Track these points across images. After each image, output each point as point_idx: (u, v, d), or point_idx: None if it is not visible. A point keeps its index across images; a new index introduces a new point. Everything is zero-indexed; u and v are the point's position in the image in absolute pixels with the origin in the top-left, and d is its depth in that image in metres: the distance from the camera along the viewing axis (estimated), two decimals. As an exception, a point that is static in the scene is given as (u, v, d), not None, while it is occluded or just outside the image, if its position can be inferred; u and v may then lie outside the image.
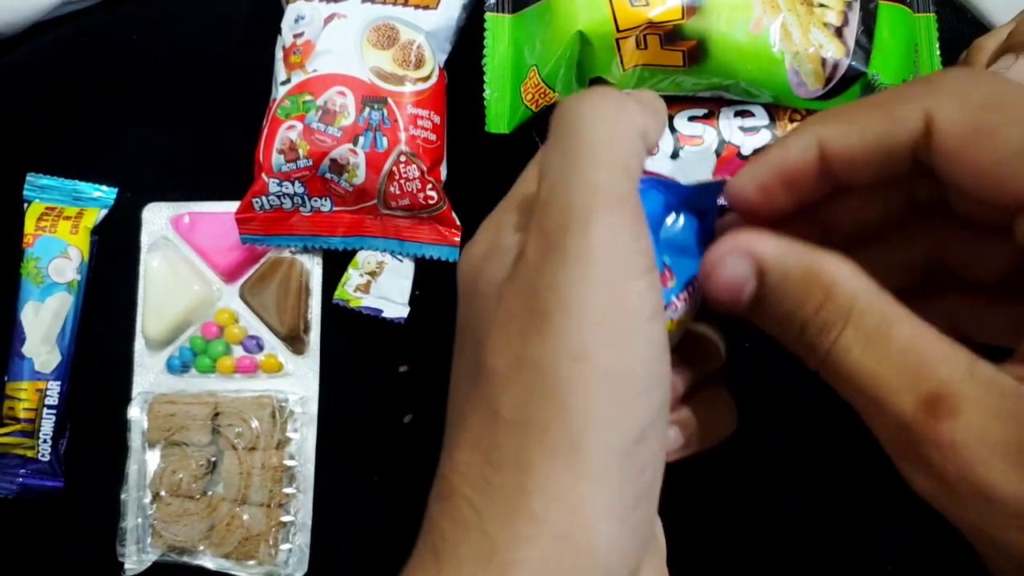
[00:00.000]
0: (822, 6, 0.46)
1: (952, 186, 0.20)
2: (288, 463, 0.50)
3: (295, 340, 0.53)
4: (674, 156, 0.48)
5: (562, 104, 0.23)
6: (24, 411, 0.51)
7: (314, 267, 0.53)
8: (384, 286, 0.52)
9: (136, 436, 0.51)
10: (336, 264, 0.53)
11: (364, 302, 0.51)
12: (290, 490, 0.50)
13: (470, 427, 0.22)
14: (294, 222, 0.51)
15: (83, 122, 0.56)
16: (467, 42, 0.52)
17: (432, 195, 0.50)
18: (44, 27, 0.56)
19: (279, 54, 0.51)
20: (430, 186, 0.49)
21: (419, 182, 0.49)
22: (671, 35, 0.45)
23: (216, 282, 0.54)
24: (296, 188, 0.50)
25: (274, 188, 0.50)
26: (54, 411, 0.52)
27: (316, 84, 0.49)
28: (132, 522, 0.50)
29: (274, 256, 0.53)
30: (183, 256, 0.54)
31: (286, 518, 0.50)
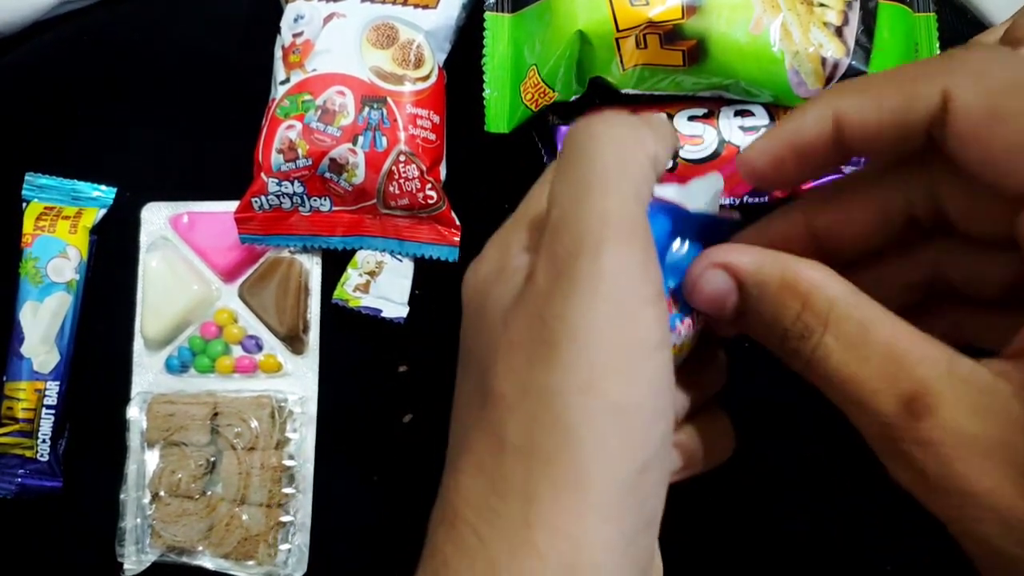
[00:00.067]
0: (822, 6, 0.46)
1: (961, 169, 0.21)
2: (287, 463, 0.50)
3: (294, 340, 0.52)
4: (674, 156, 0.48)
5: (573, 128, 0.23)
6: (23, 411, 0.51)
7: (313, 267, 0.53)
8: (383, 286, 0.52)
9: (135, 436, 0.51)
10: (335, 264, 0.53)
11: (363, 302, 0.51)
12: (289, 490, 0.50)
13: (475, 451, 0.22)
14: (293, 222, 0.51)
15: (82, 122, 0.55)
16: (467, 41, 0.51)
17: (431, 195, 0.50)
18: (43, 26, 0.56)
19: (278, 53, 0.51)
20: (429, 186, 0.49)
21: (418, 182, 0.49)
22: (671, 35, 0.45)
23: (215, 282, 0.54)
24: (295, 188, 0.50)
25: (273, 188, 0.50)
26: (53, 411, 0.51)
27: (315, 83, 0.49)
28: (131, 522, 0.50)
29: (273, 256, 0.53)
30: (182, 256, 0.54)
31: (285, 518, 0.50)
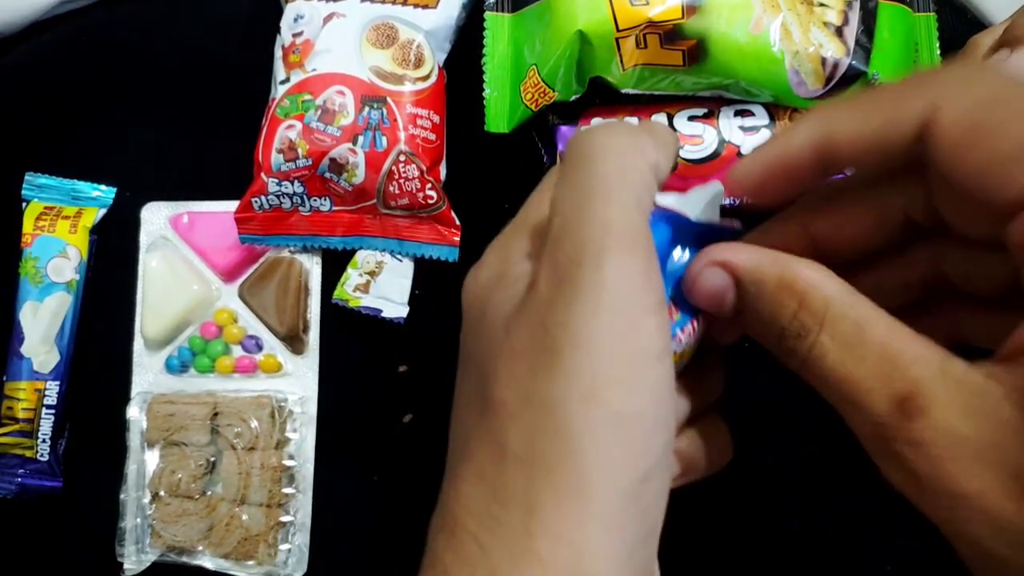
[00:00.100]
0: (822, 5, 0.46)
1: (949, 182, 0.21)
2: (287, 463, 0.50)
3: (294, 340, 0.52)
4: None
5: (575, 136, 0.23)
6: (23, 411, 0.51)
7: (313, 267, 0.53)
8: (383, 286, 0.52)
9: (135, 436, 0.51)
10: (335, 264, 0.53)
11: (363, 302, 0.51)
12: (289, 490, 0.50)
13: (476, 459, 0.22)
14: (293, 222, 0.51)
15: (81, 122, 0.55)
16: (467, 41, 0.51)
17: (431, 195, 0.50)
18: (43, 27, 0.56)
19: (278, 53, 0.51)
20: (429, 185, 0.49)
21: (418, 181, 0.49)
22: (671, 34, 0.45)
23: (215, 282, 0.54)
24: (295, 188, 0.50)
25: (273, 188, 0.50)
26: (53, 411, 0.51)
27: (315, 83, 0.49)
28: (131, 522, 0.50)
29: (273, 256, 0.53)
30: (182, 256, 0.54)
31: (285, 518, 0.50)
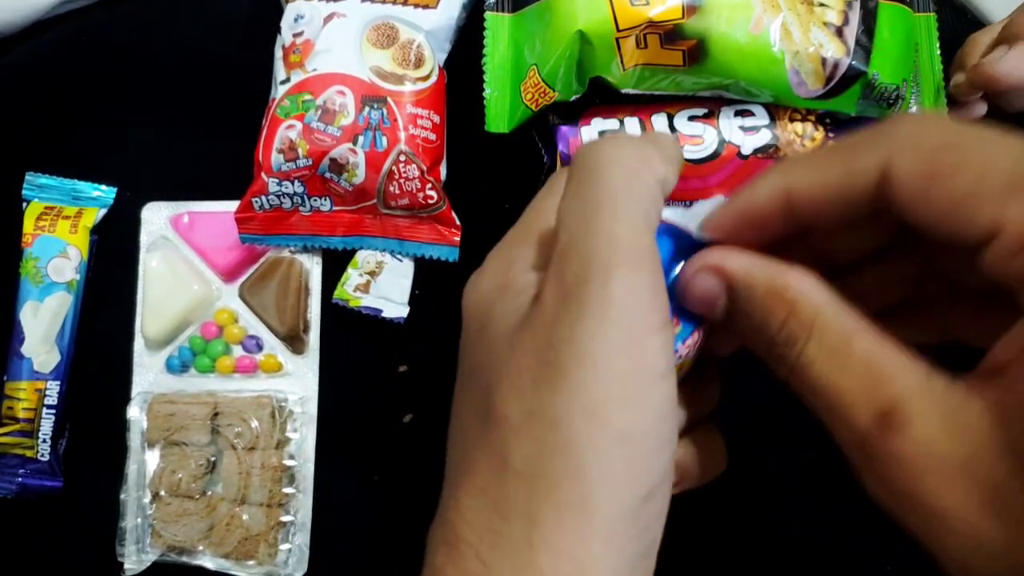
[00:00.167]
0: (822, 5, 0.46)
1: (915, 227, 0.21)
2: (288, 463, 0.50)
3: (295, 340, 0.52)
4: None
5: (582, 148, 0.23)
6: (23, 411, 0.51)
7: (314, 267, 0.53)
8: (384, 286, 0.52)
9: (135, 436, 0.51)
10: (336, 264, 0.53)
11: (364, 302, 0.51)
12: (290, 490, 0.50)
13: (477, 472, 0.22)
14: (293, 222, 0.51)
15: (82, 122, 0.55)
16: (467, 41, 0.51)
17: (432, 195, 0.50)
18: (43, 27, 0.56)
19: (278, 53, 0.51)
20: (430, 186, 0.49)
21: (419, 182, 0.49)
22: (671, 34, 0.45)
23: (215, 282, 0.54)
24: (296, 187, 0.50)
25: (273, 187, 0.50)
26: (53, 411, 0.51)
27: (316, 83, 0.49)
28: (131, 522, 0.50)
29: (273, 256, 0.53)
30: (182, 256, 0.54)
31: (286, 518, 0.50)
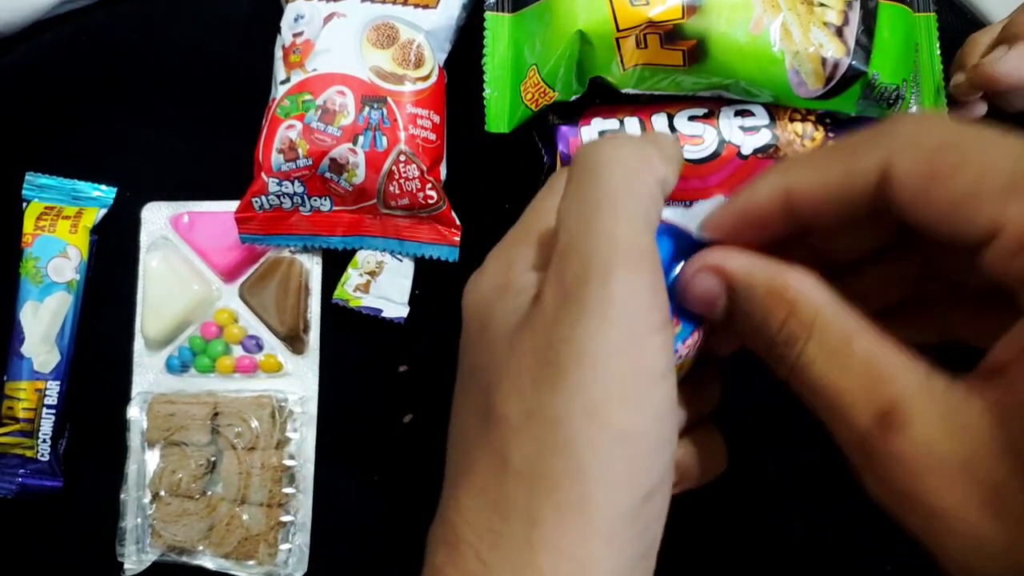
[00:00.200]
0: (822, 5, 0.46)
1: (916, 227, 0.21)
2: (288, 463, 0.50)
3: (295, 340, 0.52)
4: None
5: (583, 148, 0.23)
6: (23, 411, 0.51)
7: (314, 267, 0.53)
8: (384, 286, 0.52)
9: (135, 436, 0.51)
10: (336, 264, 0.53)
11: (364, 302, 0.51)
12: (290, 490, 0.50)
13: (478, 472, 0.22)
14: (294, 222, 0.51)
15: (82, 122, 0.55)
16: (467, 41, 0.51)
17: (432, 195, 0.50)
18: (43, 27, 0.56)
19: (279, 53, 0.51)
20: (430, 186, 0.49)
21: (419, 181, 0.49)
22: (671, 34, 0.45)
23: (215, 282, 0.54)
24: (296, 187, 0.50)
25: (274, 187, 0.50)
26: (53, 411, 0.51)
27: (316, 83, 0.49)
28: (132, 522, 0.50)
29: (273, 256, 0.53)
30: (182, 256, 0.54)
31: (286, 518, 0.50)
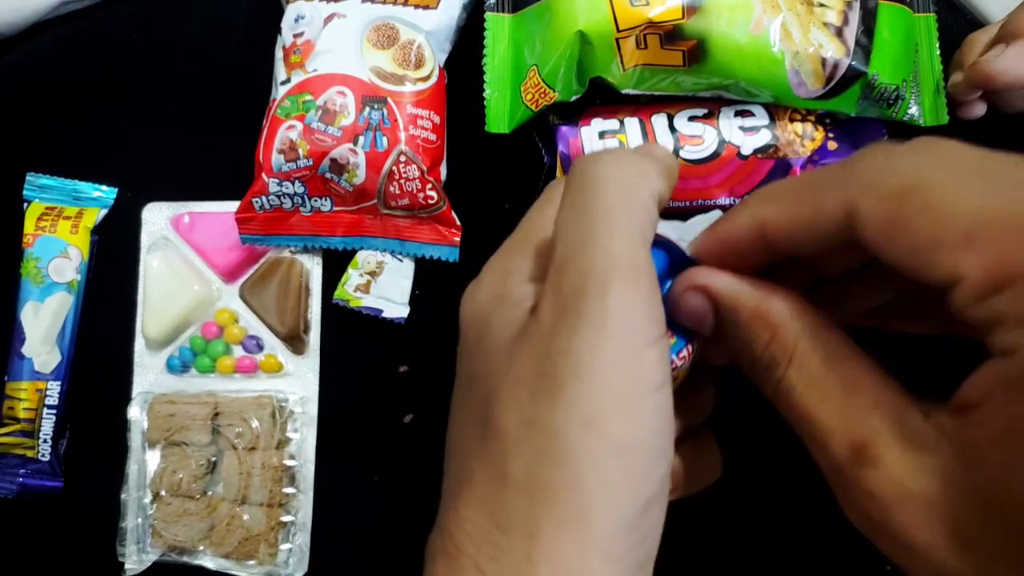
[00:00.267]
0: (822, 6, 0.46)
1: (885, 264, 0.21)
2: (288, 463, 0.50)
3: (295, 340, 0.52)
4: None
5: (579, 161, 0.23)
6: (24, 411, 0.51)
7: (314, 267, 0.53)
8: (384, 286, 0.52)
9: (136, 436, 0.51)
10: (336, 264, 0.53)
11: (364, 302, 0.51)
12: (290, 490, 0.50)
13: (476, 483, 0.22)
14: (294, 222, 0.51)
15: (82, 122, 0.56)
16: (467, 42, 0.51)
17: (432, 195, 0.50)
18: (44, 27, 0.56)
19: (279, 54, 0.51)
20: (430, 186, 0.49)
21: (419, 182, 0.49)
22: (671, 35, 0.45)
23: (216, 282, 0.54)
24: (296, 188, 0.50)
25: (274, 188, 0.50)
26: (54, 411, 0.52)
27: (316, 84, 0.49)
28: (132, 522, 0.50)
29: (274, 256, 0.53)
30: (183, 256, 0.54)
31: (286, 518, 0.50)
